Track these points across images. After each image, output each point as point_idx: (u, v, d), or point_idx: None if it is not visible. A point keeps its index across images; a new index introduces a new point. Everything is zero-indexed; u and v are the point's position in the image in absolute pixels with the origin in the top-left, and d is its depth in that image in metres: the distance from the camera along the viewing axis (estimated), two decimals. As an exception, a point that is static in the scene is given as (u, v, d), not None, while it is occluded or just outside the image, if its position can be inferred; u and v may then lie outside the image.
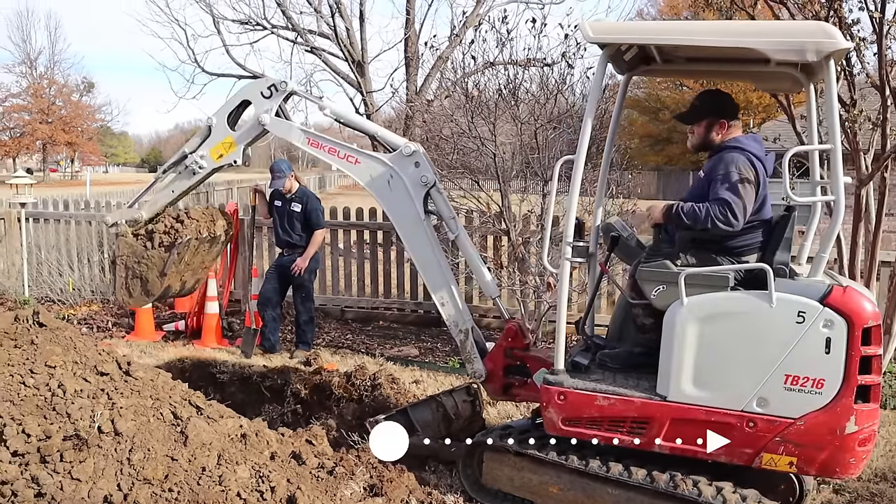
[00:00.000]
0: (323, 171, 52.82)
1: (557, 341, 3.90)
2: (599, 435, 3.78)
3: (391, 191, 4.55)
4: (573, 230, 3.85)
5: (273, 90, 4.72)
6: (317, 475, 4.03)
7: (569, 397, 3.80)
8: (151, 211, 5.03)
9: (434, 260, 4.56)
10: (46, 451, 3.29)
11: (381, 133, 4.82)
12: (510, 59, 7.07)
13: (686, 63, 4.27)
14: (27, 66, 55.38)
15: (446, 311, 4.58)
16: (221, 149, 4.83)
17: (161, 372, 4.33)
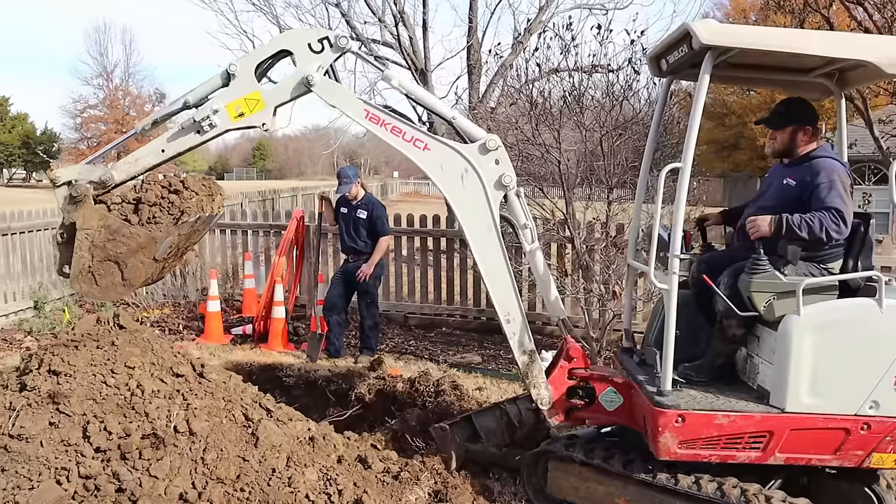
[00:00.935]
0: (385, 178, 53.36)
1: (665, 361, 3.69)
2: (716, 454, 3.67)
3: (464, 187, 3.96)
4: (680, 243, 3.65)
5: (325, 44, 3.89)
6: (382, 480, 4.07)
7: (688, 419, 3.64)
8: (127, 173, 3.98)
9: (504, 270, 4.05)
10: (126, 449, 3.41)
11: (461, 120, 4.11)
12: (574, 66, 7.03)
13: (729, 69, 4.17)
14: (104, 78, 57.52)
15: (512, 328, 4.12)
16: (244, 105, 3.90)
17: (232, 374, 4.44)
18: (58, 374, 3.70)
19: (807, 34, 3.85)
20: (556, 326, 4.41)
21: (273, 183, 51.44)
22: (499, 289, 4.09)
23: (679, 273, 3.67)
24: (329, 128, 17.20)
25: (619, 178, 6.65)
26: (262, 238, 10.17)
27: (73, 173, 3.90)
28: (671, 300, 3.64)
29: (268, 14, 12.82)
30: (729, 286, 3.82)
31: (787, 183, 3.97)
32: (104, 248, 3.73)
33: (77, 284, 3.79)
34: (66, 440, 3.41)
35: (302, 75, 3.88)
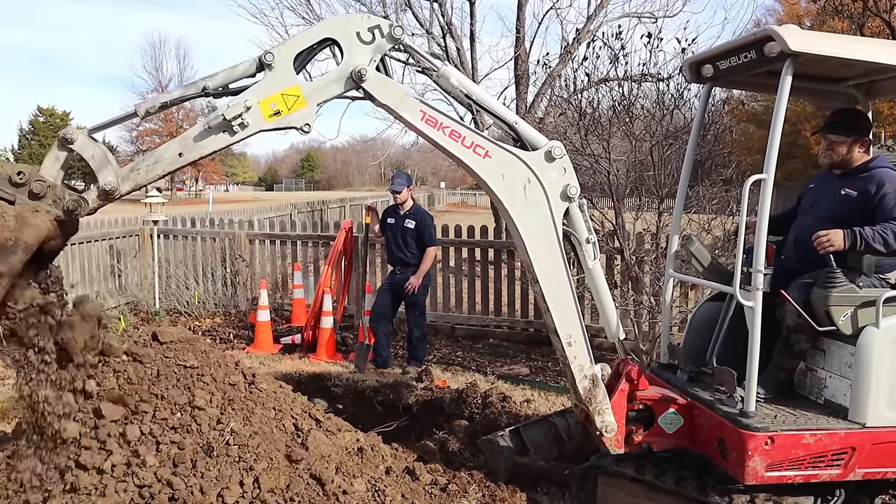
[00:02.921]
0: (432, 188, 53.55)
1: (749, 381, 3.53)
2: (800, 475, 3.56)
3: (526, 199, 3.61)
4: (764, 258, 3.50)
5: (377, 34, 3.38)
6: (430, 491, 4.06)
7: (777, 441, 3.50)
8: (136, 182, 3.31)
9: (567, 289, 3.73)
10: (179, 458, 3.46)
11: (523, 125, 3.72)
12: (624, 75, 6.97)
13: (757, 76, 4.08)
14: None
15: (573, 351, 3.77)
16: (280, 102, 3.31)
17: (282, 384, 4.47)
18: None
19: (888, 44, 3.73)
20: (614, 343, 4.22)
21: (321, 194, 52.09)
22: (560, 309, 3.75)
23: (764, 289, 3.50)
24: (377, 139, 17.32)
25: (669, 188, 6.57)
26: (310, 248, 10.29)
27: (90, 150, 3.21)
28: (756, 317, 3.50)
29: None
30: (802, 300, 3.70)
31: (846, 194, 3.87)
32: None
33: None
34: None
35: (351, 68, 3.36)
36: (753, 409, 3.55)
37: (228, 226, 10.99)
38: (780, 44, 3.38)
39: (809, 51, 3.41)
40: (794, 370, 3.91)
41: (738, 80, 4.35)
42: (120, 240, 10.42)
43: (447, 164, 26.69)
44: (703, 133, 6.83)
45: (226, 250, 10.60)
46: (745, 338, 3.94)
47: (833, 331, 3.64)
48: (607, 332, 4.13)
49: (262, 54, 3.30)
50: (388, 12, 12.64)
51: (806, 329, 3.70)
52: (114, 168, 3.23)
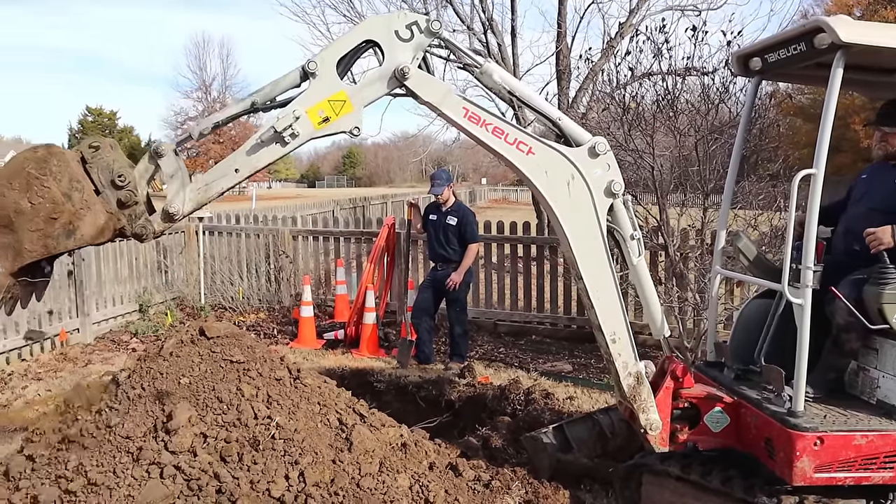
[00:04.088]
0: (473, 185, 53.50)
1: (797, 381, 3.45)
2: (850, 477, 3.47)
3: (570, 195, 3.59)
4: (813, 254, 3.42)
5: (415, 30, 3.37)
6: (473, 488, 4.07)
7: (826, 441, 3.43)
8: (197, 202, 3.42)
9: (612, 285, 3.72)
10: (227, 452, 3.53)
11: (566, 122, 3.68)
12: (668, 69, 6.87)
13: (818, 69, 3.96)
14: (203, 91, 60.05)
15: (617, 348, 3.76)
16: (328, 109, 3.35)
17: (326, 379, 4.52)
18: (162, 378, 3.86)
19: None
20: (659, 341, 4.18)
21: (363, 190, 52.44)
22: (605, 305, 3.74)
23: (813, 286, 3.42)
24: (418, 135, 17.37)
25: (714, 183, 6.46)
26: (353, 245, 10.37)
27: (171, 168, 3.37)
28: (805, 315, 3.42)
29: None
30: (853, 298, 3.60)
31: None
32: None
33: None
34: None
35: (393, 67, 3.37)
36: (802, 409, 3.47)
37: (272, 222, 11.13)
38: (830, 35, 3.28)
39: (861, 42, 3.31)
40: (844, 369, 3.81)
41: (787, 73, 4.23)
42: (166, 236, 10.61)
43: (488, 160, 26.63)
44: (749, 127, 6.71)
45: (269, 246, 10.74)
46: (793, 335, 3.85)
47: (886, 329, 3.52)
48: (652, 329, 4.12)
49: (306, 63, 3.34)
50: (428, 9, 12.63)
51: (857, 327, 3.59)
52: (184, 190, 3.34)
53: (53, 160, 2.98)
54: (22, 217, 2.91)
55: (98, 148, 3.15)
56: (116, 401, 3.85)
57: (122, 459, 3.49)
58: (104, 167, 3.12)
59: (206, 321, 4.83)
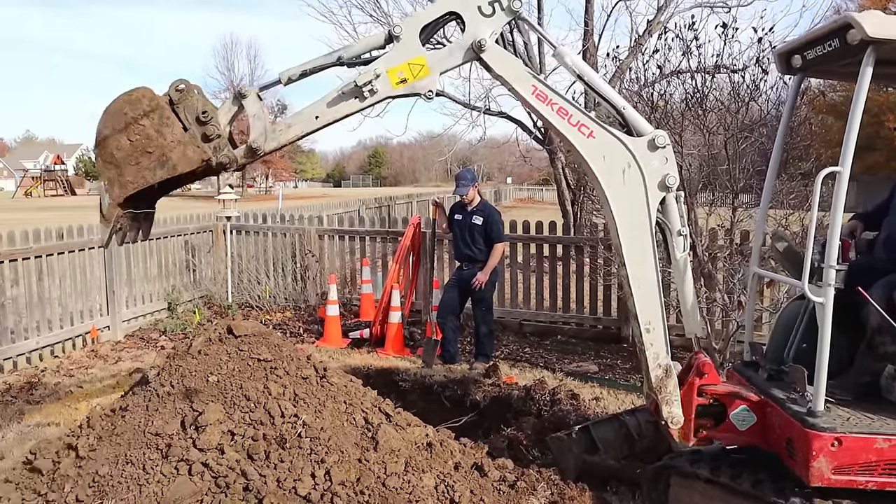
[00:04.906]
0: (498, 184, 53.39)
1: (818, 380, 3.42)
2: (872, 481, 3.41)
3: (624, 183, 3.69)
4: (836, 253, 3.39)
5: (497, 7, 3.57)
6: (498, 488, 4.05)
7: (844, 443, 3.39)
8: (278, 142, 3.69)
9: (653, 276, 3.79)
10: (254, 450, 3.55)
11: (630, 112, 3.76)
12: (697, 67, 6.79)
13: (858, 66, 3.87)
14: (231, 92, 60.44)
15: (650, 338, 3.83)
16: (406, 71, 3.59)
17: (352, 378, 4.54)
18: (191, 376, 3.90)
19: None
20: (690, 340, 4.15)
21: (389, 190, 52.55)
22: (644, 295, 3.82)
23: (836, 285, 3.38)
24: (443, 135, 17.37)
25: (744, 182, 6.38)
26: (378, 244, 10.39)
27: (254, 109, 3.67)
28: (826, 314, 3.38)
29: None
30: (885, 299, 3.54)
31: None
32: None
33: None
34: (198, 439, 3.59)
35: (472, 39, 3.58)
36: (822, 409, 3.43)
37: (298, 221, 11.19)
38: (858, 31, 3.23)
39: (891, 37, 3.24)
40: (879, 373, 3.71)
41: (829, 70, 4.13)
42: (194, 235, 10.72)
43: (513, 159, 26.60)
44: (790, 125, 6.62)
45: (296, 246, 10.80)
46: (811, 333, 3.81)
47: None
48: (686, 325, 4.12)
49: (392, 27, 3.60)
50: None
51: (891, 330, 3.53)
52: (264, 127, 3.64)
53: (145, 101, 3.38)
54: (122, 153, 3.35)
55: (184, 91, 3.48)
56: (146, 398, 3.89)
57: (151, 455, 3.53)
58: (189, 106, 3.48)
59: (234, 320, 4.87)
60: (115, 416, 3.87)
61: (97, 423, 3.85)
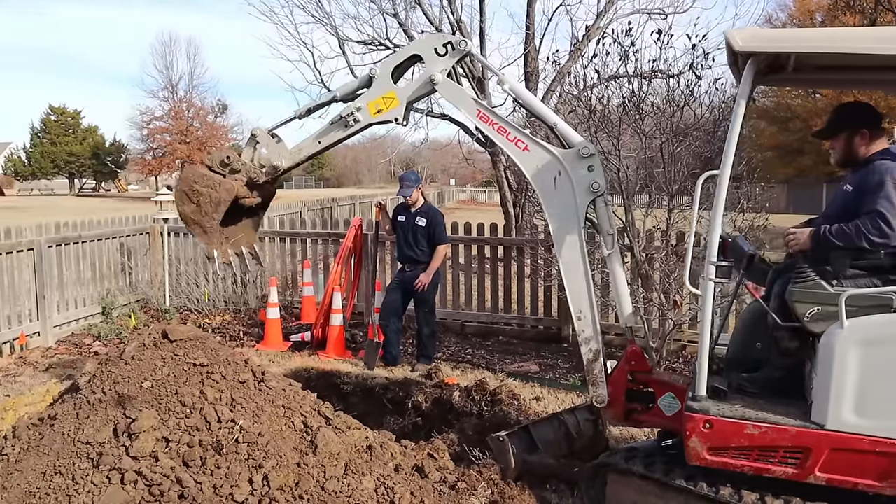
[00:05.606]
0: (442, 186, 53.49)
1: (699, 365, 3.67)
2: (748, 465, 3.56)
3: (555, 189, 4.19)
4: (717, 249, 3.62)
5: (449, 48, 4.30)
6: (439, 489, 4.06)
7: (716, 425, 3.57)
8: (292, 160, 4.69)
9: (582, 270, 4.23)
10: (189, 456, 3.48)
11: (562, 126, 4.31)
12: (634, 72, 6.93)
13: (818, 72, 4.03)
14: (169, 90, 59.08)
15: (581, 325, 4.27)
16: (381, 103, 4.42)
17: (291, 382, 4.49)
18: (124, 382, 3.80)
19: (848, 32, 3.67)
20: (624, 331, 4.43)
21: (331, 191, 52.14)
22: (574, 286, 4.27)
23: (715, 280, 3.63)
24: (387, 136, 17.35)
25: (679, 185, 6.53)
26: (320, 246, 10.31)
27: (265, 142, 4.69)
28: (706, 306, 3.62)
29: (327, 25, 13.06)
30: (778, 296, 3.73)
31: (846, 189, 3.81)
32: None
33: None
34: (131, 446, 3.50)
35: (429, 75, 4.32)
36: (703, 395, 3.66)
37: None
38: (733, 44, 3.42)
39: (758, 49, 3.46)
40: (787, 368, 3.81)
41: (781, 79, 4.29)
42: (130, 237, 10.46)
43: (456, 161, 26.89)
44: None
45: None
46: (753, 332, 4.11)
47: (798, 327, 3.60)
48: (620, 316, 4.45)
49: (370, 70, 4.49)
50: (397, 10, 12.63)
51: (782, 326, 3.69)
52: (278, 153, 4.65)
53: (191, 175, 4.56)
54: (196, 214, 4.56)
55: (210, 153, 4.72)
56: (76, 406, 3.78)
57: (81, 465, 3.44)
58: (215, 159, 4.63)
59: (170, 324, 4.77)
60: (43, 425, 3.76)
61: (24, 433, 3.73)
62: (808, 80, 4.52)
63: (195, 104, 60.09)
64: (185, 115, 58.58)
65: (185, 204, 4.55)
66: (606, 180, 4.25)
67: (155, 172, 60.41)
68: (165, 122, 58.48)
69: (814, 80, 4.50)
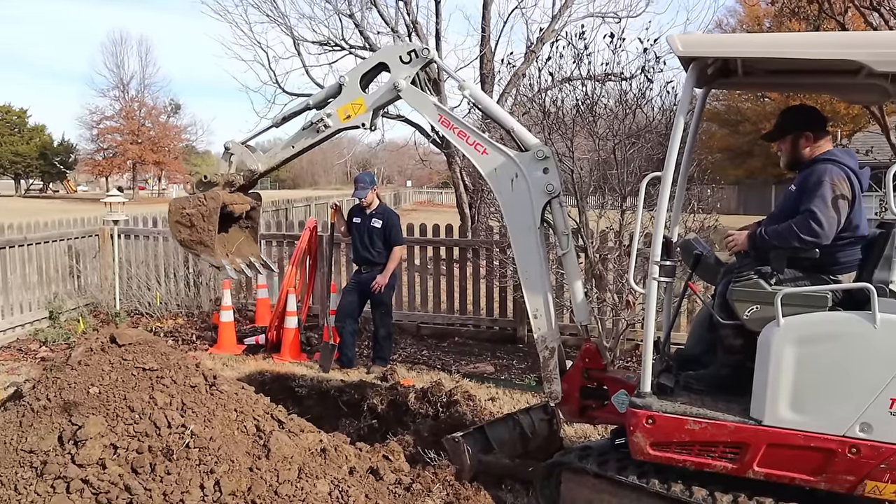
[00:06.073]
0: (398, 187, 53.40)
1: (644, 363, 3.77)
2: (689, 460, 3.65)
3: (512, 190, 4.32)
4: (661, 249, 3.73)
5: (413, 56, 4.46)
6: (394, 491, 4.05)
7: (658, 421, 3.66)
8: (268, 163, 4.88)
9: (538, 269, 4.34)
10: (138, 463, 3.41)
11: (518, 129, 4.45)
12: (587, 75, 7.01)
13: (766, 76, 4.14)
14: (120, 90, 57.94)
15: (538, 323, 4.37)
16: (350, 109, 4.59)
17: (244, 385, 4.43)
18: (70, 388, 3.71)
19: (788, 38, 3.80)
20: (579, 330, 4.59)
21: (286, 193, 51.64)
22: (530, 285, 4.37)
23: (659, 279, 3.74)
24: (342, 137, 17.26)
25: (632, 186, 6.62)
26: (275, 248, 10.20)
27: (237, 151, 4.83)
28: (650, 304, 3.72)
29: (282, 25, 12.92)
30: (721, 295, 3.82)
31: (790, 190, 3.92)
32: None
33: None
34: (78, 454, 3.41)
35: (393, 82, 4.46)
36: (647, 391, 3.75)
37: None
38: (675, 49, 3.52)
39: (697, 54, 3.56)
40: (734, 366, 3.88)
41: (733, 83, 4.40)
42: (79, 240, 10.22)
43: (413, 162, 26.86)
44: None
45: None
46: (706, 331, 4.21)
47: (740, 325, 3.70)
48: (575, 315, 4.55)
49: (339, 77, 4.63)
50: (353, 10, 12.56)
51: (723, 324, 3.79)
52: (254, 159, 4.80)
53: (177, 204, 4.68)
54: (194, 236, 4.60)
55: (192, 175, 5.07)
56: (20, 413, 3.68)
57: (24, 475, 3.34)
58: (197, 182, 4.88)
59: (120, 328, 4.68)
60: (-16, 433, 3.64)
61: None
62: (758, 83, 4.63)
63: (147, 104, 59.12)
64: (136, 114, 57.57)
65: (181, 232, 4.66)
66: (561, 182, 4.33)
67: (105, 173, 59.20)
68: (116, 121, 57.39)
69: (763, 83, 4.61)
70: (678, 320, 7.37)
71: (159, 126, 59.00)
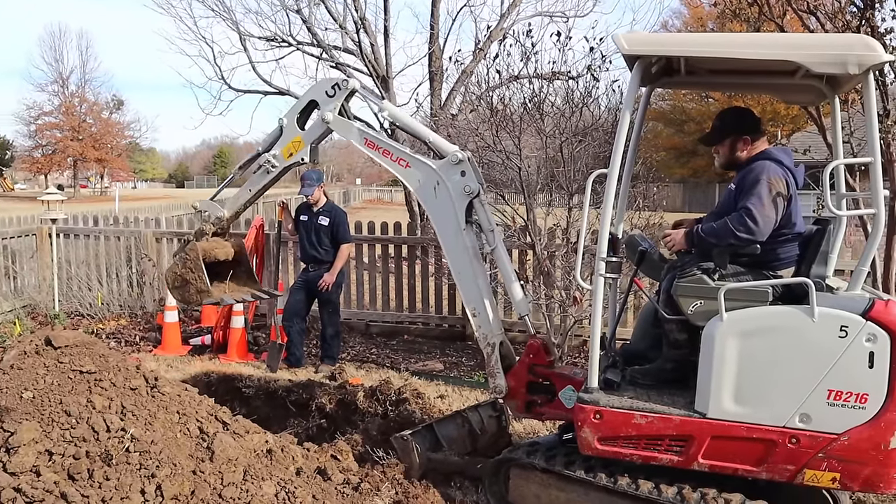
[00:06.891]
0: (347, 185, 53.07)
1: (591, 358, 3.81)
2: (637, 454, 3.70)
3: (436, 197, 4.53)
4: (607, 245, 3.78)
5: (336, 89, 4.79)
6: (342, 491, 4.01)
7: (605, 416, 3.72)
8: (232, 209, 5.34)
9: (470, 270, 4.49)
10: (75, 469, 3.30)
11: (434, 139, 4.72)
12: (535, 73, 7.04)
13: (709, 75, 4.22)
14: (59, 84, 56.32)
15: (477, 321, 4.52)
16: (291, 147, 4.95)
17: (187, 387, 4.34)
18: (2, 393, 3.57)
19: (729, 38, 3.89)
20: (520, 321, 4.64)
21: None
22: (465, 286, 4.54)
23: (605, 275, 3.80)
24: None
25: (579, 184, 6.67)
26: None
27: (205, 206, 5.42)
28: (596, 301, 3.77)
29: (227, 20, 12.70)
30: (666, 290, 3.89)
31: (730, 189, 4.01)
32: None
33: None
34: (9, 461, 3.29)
35: (321, 115, 4.82)
36: (595, 386, 3.82)
37: (134, 224, 10.58)
38: (620, 47, 3.59)
39: (641, 52, 3.64)
40: (679, 360, 3.96)
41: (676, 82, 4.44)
42: (15, 239, 9.89)
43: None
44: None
45: (131, 249, 10.22)
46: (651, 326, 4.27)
47: (684, 320, 3.77)
48: (514, 307, 4.64)
49: (279, 120, 5.00)
50: (300, 6, 12.40)
51: (668, 319, 3.86)
52: (219, 208, 5.35)
53: (169, 271, 5.11)
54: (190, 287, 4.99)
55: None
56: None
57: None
58: (176, 250, 5.53)
59: (60, 329, 4.53)
60: None
61: None
62: (700, 83, 4.74)
63: (88, 99, 57.59)
64: (77, 110, 56.02)
65: (181, 293, 5.06)
66: (480, 181, 4.48)
67: (44, 171, 57.50)
68: (56, 117, 55.81)
69: (705, 83, 4.72)
70: (624, 316, 7.46)
71: (101, 122, 57.54)
